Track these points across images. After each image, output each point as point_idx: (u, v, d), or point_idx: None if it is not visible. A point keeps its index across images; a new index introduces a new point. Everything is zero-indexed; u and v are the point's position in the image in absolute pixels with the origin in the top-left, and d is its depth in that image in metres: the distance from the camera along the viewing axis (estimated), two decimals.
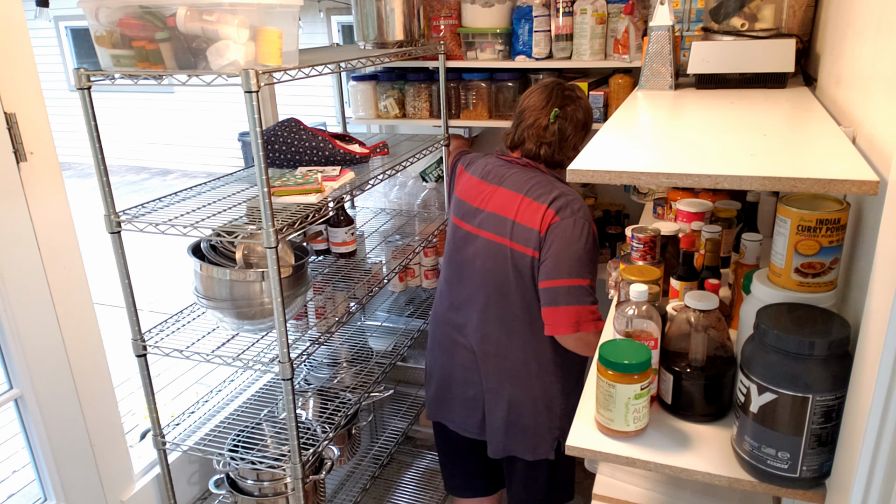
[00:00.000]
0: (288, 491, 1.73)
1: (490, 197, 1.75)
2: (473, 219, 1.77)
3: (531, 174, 1.73)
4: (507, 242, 1.69)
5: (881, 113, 0.86)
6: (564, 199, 1.65)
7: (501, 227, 1.70)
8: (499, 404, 1.78)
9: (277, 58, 1.37)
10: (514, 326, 1.72)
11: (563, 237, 1.62)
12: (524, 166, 1.76)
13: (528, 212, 1.66)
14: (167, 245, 5.31)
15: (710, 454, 0.99)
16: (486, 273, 1.74)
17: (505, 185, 1.73)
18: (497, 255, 1.71)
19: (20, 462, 3.03)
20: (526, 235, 1.66)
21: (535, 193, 1.67)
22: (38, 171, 1.43)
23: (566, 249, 1.61)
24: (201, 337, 1.71)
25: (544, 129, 1.74)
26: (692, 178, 0.82)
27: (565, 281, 1.61)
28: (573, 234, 1.61)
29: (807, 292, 0.94)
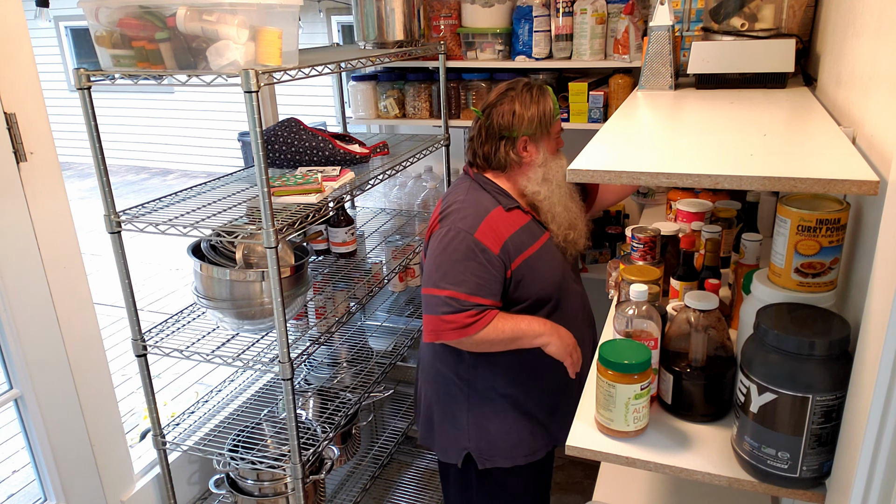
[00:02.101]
0: (288, 491, 1.74)
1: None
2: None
3: (457, 184, 1.73)
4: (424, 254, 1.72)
5: (881, 113, 0.86)
6: (455, 207, 1.63)
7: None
8: (421, 398, 1.87)
9: (277, 58, 1.37)
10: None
11: (432, 245, 1.62)
12: (462, 177, 1.75)
13: (431, 221, 1.70)
14: (167, 245, 5.34)
15: (710, 454, 0.99)
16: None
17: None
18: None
19: (20, 462, 3.03)
20: (426, 244, 1.70)
21: (443, 203, 1.69)
22: (38, 171, 1.43)
23: (431, 258, 1.62)
24: (201, 337, 1.71)
25: (476, 131, 1.70)
26: (692, 178, 0.82)
27: (425, 290, 1.62)
28: (440, 242, 1.59)
29: (807, 292, 0.94)
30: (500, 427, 1.73)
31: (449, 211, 1.64)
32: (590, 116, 2.20)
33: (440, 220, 1.63)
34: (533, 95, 1.65)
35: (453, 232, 1.58)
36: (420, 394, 1.88)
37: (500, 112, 1.64)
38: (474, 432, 1.74)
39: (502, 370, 1.70)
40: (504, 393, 1.71)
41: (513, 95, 1.65)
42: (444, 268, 1.57)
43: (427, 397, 1.83)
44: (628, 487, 1.43)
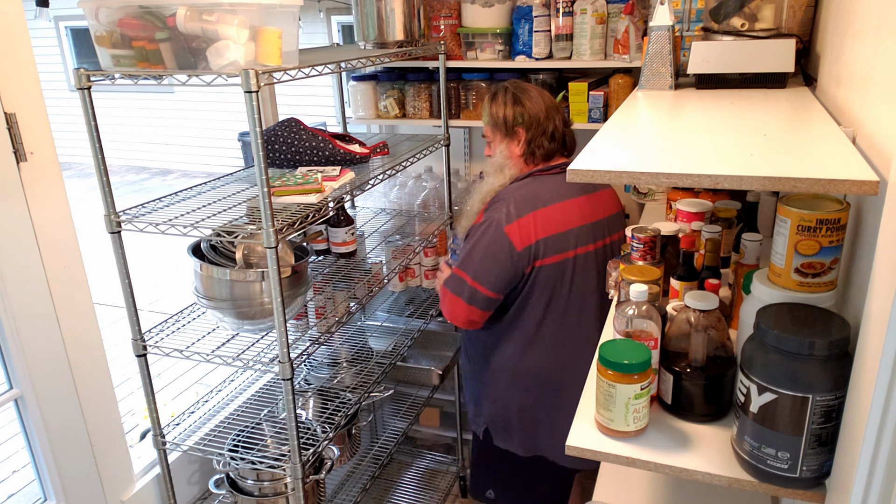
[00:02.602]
0: (288, 491, 1.73)
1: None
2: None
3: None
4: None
5: (881, 113, 0.86)
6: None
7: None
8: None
9: (277, 58, 1.37)
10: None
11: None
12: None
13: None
14: (167, 245, 5.33)
15: (710, 454, 0.99)
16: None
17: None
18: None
19: (20, 462, 3.03)
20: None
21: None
22: (38, 171, 1.43)
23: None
24: (201, 337, 1.71)
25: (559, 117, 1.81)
26: (692, 178, 0.82)
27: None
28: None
29: (807, 292, 0.94)
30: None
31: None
32: (590, 116, 2.20)
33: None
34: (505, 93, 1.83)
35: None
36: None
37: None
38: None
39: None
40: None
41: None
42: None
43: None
44: (628, 487, 1.43)
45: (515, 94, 1.78)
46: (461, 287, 1.71)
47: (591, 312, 1.74)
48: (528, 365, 1.75)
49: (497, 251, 1.65)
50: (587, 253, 1.71)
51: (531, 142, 1.76)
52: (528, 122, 1.76)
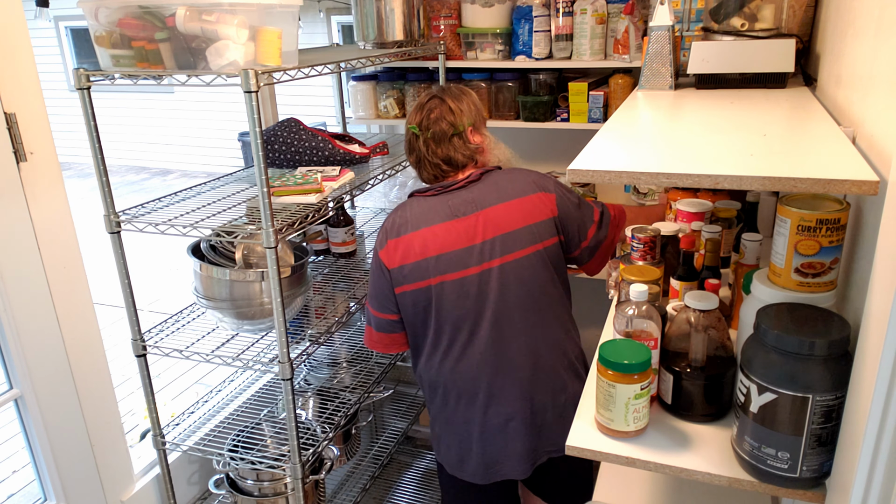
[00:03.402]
0: (288, 491, 1.73)
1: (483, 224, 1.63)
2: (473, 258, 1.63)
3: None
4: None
5: (881, 113, 0.86)
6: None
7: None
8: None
9: (277, 58, 1.37)
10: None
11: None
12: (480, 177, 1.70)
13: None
14: (167, 245, 5.34)
15: (710, 454, 0.99)
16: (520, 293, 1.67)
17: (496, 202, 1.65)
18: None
19: (20, 462, 3.03)
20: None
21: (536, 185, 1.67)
22: (38, 171, 1.43)
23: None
24: (201, 337, 1.71)
25: (423, 147, 1.70)
26: (692, 178, 0.82)
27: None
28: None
29: (807, 292, 0.94)
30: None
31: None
32: (590, 116, 2.20)
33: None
34: (454, 93, 1.73)
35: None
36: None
37: (439, 115, 1.68)
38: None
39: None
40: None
41: (439, 100, 1.70)
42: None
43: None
44: (628, 487, 1.43)
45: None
46: (368, 316, 1.75)
47: (479, 337, 1.63)
48: (423, 377, 1.73)
49: (376, 274, 1.67)
50: (453, 281, 1.59)
51: (413, 167, 1.75)
52: (406, 148, 1.75)
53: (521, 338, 1.62)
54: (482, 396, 1.65)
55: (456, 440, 1.73)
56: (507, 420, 1.65)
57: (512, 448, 1.66)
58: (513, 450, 1.66)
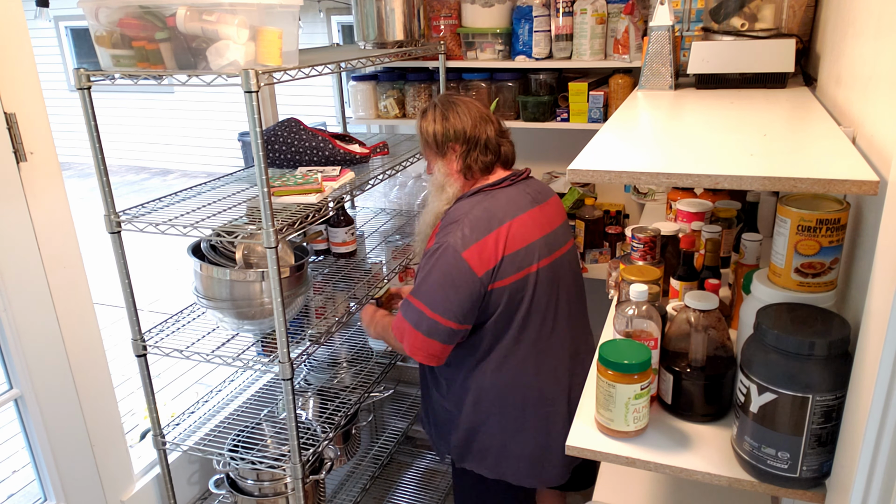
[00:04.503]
0: (288, 491, 1.74)
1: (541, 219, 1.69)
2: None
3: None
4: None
5: (881, 113, 0.86)
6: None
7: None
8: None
9: (277, 58, 1.37)
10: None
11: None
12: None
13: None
14: (167, 245, 5.34)
15: (710, 454, 0.99)
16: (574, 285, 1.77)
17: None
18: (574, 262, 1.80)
19: (20, 462, 3.03)
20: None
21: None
22: (38, 171, 1.43)
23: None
24: (201, 337, 1.71)
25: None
26: (692, 178, 0.82)
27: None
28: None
29: (807, 292, 0.94)
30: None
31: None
32: (590, 116, 2.20)
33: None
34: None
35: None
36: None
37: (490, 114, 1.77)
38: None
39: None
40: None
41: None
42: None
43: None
44: (628, 487, 1.43)
45: (443, 110, 1.69)
46: (419, 319, 1.57)
47: (559, 327, 1.65)
48: (489, 387, 1.65)
49: (456, 278, 1.52)
50: (549, 265, 1.62)
51: (466, 156, 1.67)
52: (457, 136, 1.66)
53: (581, 322, 1.75)
54: (560, 388, 1.68)
55: (532, 445, 1.66)
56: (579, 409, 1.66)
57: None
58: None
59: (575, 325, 1.72)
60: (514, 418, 1.67)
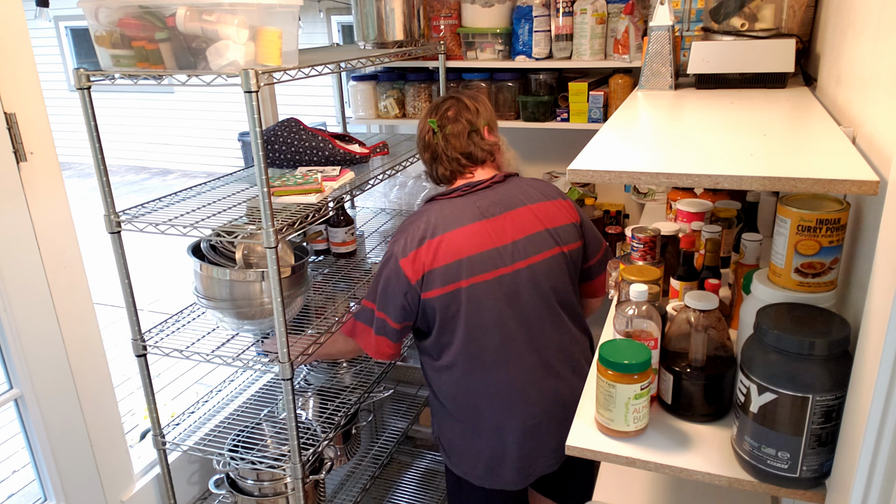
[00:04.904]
0: (288, 491, 1.74)
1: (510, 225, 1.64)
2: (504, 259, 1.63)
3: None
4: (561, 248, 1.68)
5: (881, 113, 0.86)
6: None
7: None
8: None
9: (277, 58, 1.37)
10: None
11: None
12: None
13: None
14: (167, 245, 5.35)
15: (710, 454, 0.99)
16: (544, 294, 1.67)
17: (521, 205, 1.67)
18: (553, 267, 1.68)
19: (20, 462, 3.03)
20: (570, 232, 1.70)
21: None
22: (38, 171, 1.43)
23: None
24: (201, 337, 1.71)
25: (441, 142, 1.71)
26: (692, 178, 0.82)
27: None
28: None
29: (807, 292, 0.94)
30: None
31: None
32: (590, 116, 2.20)
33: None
34: (469, 94, 1.78)
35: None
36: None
37: (457, 112, 1.71)
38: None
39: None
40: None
41: (455, 100, 1.74)
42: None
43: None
44: (628, 487, 1.43)
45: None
46: (370, 318, 1.66)
47: (515, 339, 1.62)
48: (445, 390, 1.69)
49: (396, 285, 1.60)
50: (484, 281, 1.59)
51: (427, 166, 1.75)
52: (420, 146, 1.75)
53: (552, 336, 1.66)
54: (519, 399, 1.64)
55: (487, 450, 1.68)
56: (541, 420, 1.66)
57: (546, 446, 1.68)
58: (546, 447, 1.68)
59: (544, 337, 1.65)
60: (468, 422, 1.69)
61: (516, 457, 1.67)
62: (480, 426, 1.67)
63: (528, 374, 1.64)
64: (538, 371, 1.65)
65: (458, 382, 1.67)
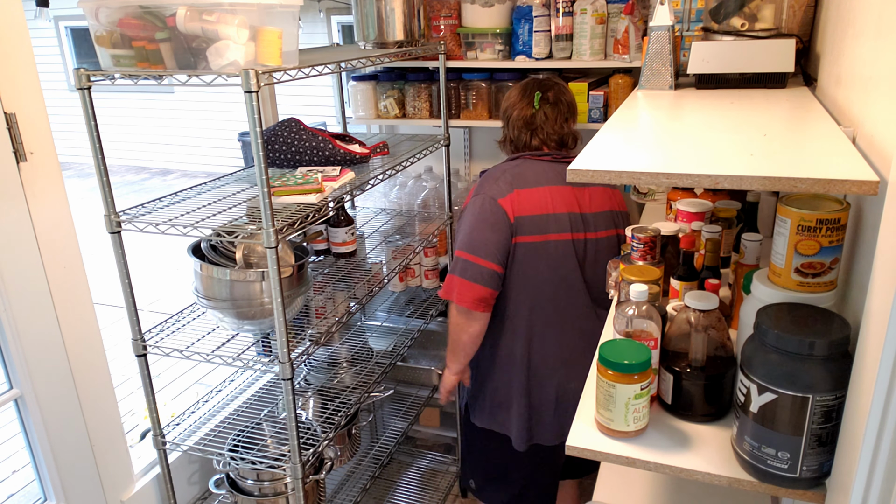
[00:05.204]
0: (288, 491, 1.73)
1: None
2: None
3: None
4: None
5: (881, 113, 0.86)
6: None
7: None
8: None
9: (277, 58, 1.37)
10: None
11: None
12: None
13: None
14: (167, 245, 5.35)
15: (710, 454, 0.99)
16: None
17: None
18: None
19: (20, 462, 3.03)
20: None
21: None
22: (38, 171, 1.43)
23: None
24: (201, 337, 1.71)
25: (553, 113, 1.84)
26: (692, 178, 0.82)
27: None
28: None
29: (807, 292, 0.94)
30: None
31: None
32: (590, 116, 2.20)
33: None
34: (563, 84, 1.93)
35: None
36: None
37: (560, 91, 1.85)
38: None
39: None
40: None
41: (556, 83, 1.87)
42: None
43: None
44: (628, 487, 1.43)
45: (509, 89, 1.92)
46: (464, 267, 1.74)
47: (575, 303, 1.77)
48: (503, 344, 1.79)
49: (495, 222, 1.70)
50: (564, 241, 1.73)
51: (506, 132, 1.90)
52: (504, 115, 1.91)
53: (600, 311, 1.78)
54: (566, 355, 1.75)
55: (535, 408, 1.79)
56: (579, 385, 1.73)
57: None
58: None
59: (596, 309, 1.78)
60: (521, 378, 1.78)
61: (553, 413, 1.77)
62: (530, 380, 1.77)
63: (577, 340, 1.75)
64: (585, 339, 1.76)
65: (516, 333, 1.77)
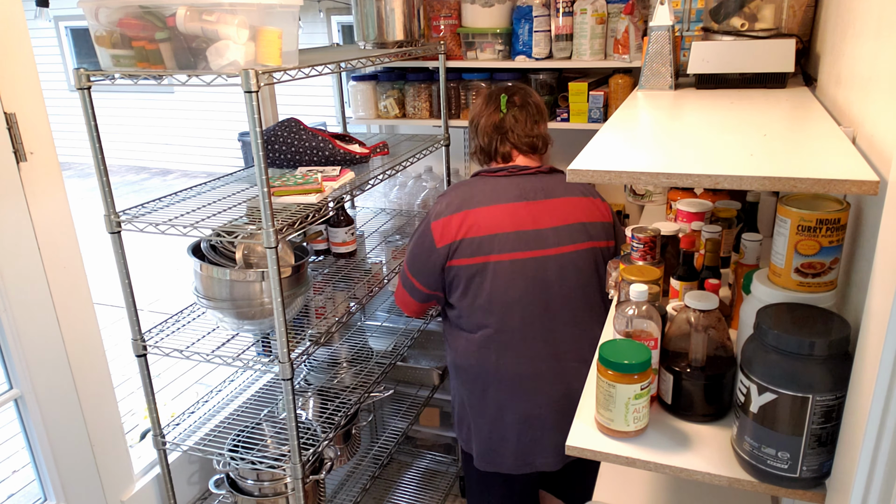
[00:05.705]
0: (288, 491, 1.73)
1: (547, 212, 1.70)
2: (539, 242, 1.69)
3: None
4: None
5: (881, 113, 0.86)
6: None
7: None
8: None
9: (277, 58, 1.37)
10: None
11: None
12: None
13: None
14: (167, 245, 5.35)
15: (710, 454, 0.99)
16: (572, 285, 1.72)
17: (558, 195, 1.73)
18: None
19: (20, 462, 3.03)
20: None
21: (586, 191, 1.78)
22: (38, 171, 1.43)
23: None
24: (201, 337, 1.71)
25: (525, 118, 1.79)
26: (692, 178, 0.82)
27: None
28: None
29: (807, 292, 0.94)
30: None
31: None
32: (590, 116, 2.20)
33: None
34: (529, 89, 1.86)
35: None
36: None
37: (526, 95, 1.80)
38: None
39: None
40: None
41: (518, 87, 1.82)
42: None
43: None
44: (628, 487, 1.43)
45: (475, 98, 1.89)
46: (404, 277, 1.81)
47: (532, 323, 1.66)
48: (459, 362, 1.75)
49: (422, 245, 1.70)
50: (521, 260, 1.64)
51: (476, 142, 1.83)
52: (472, 125, 1.85)
53: (570, 329, 1.69)
54: (526, 385, 1.67)
55: (486, 428, 1.73)
56: (544, 412, 1.68)
57: (546, 439, 1.69)
58: (547, 442, 1.69)
59: (562, 328, 1.68)
60: (476, 398, 1.73)
61: (515, 442, 1.69)
62: (485, 401, 1.71)
63: (538, 363, 1.67)
64: (549, 361, 1.68)
65: (469, 354, 1.71)
